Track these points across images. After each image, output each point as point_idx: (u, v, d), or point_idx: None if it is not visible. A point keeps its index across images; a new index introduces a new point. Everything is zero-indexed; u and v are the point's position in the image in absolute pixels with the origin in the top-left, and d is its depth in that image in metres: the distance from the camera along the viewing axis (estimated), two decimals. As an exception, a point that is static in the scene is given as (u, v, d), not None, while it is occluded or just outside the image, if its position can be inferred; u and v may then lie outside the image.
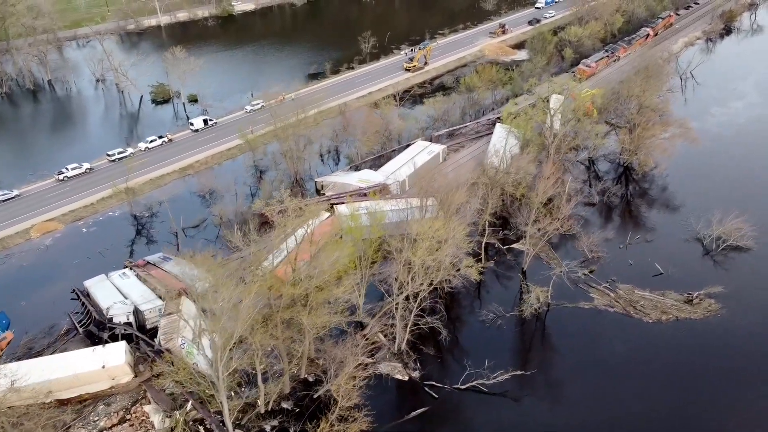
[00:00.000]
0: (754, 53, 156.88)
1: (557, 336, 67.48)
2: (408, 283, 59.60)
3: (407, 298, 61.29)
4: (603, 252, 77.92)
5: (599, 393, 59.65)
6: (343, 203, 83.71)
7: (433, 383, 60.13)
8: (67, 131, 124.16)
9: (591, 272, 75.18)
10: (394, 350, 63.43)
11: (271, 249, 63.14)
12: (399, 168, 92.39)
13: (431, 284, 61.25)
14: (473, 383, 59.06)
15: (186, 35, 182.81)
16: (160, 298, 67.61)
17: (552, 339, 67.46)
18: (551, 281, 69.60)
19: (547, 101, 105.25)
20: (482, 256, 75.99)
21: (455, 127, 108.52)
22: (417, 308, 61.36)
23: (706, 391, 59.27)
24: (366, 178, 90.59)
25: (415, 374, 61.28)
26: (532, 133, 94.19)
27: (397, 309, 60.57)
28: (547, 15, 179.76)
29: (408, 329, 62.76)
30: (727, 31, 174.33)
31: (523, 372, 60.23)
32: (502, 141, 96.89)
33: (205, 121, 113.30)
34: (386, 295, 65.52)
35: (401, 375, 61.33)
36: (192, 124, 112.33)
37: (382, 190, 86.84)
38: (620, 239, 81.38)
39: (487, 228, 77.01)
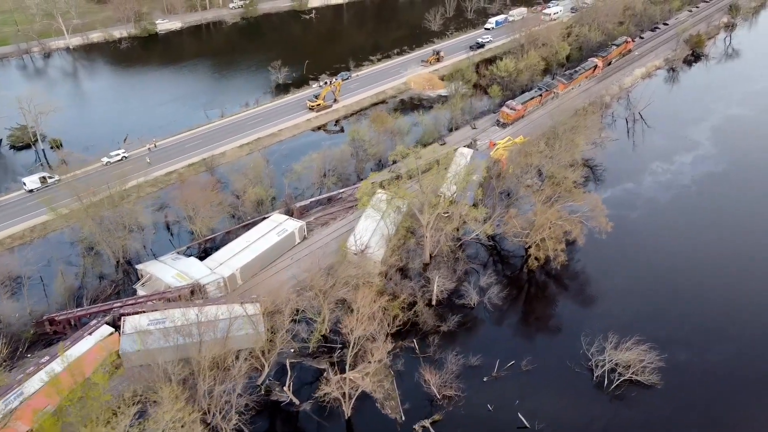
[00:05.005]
0: (721, 86, 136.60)
1: None
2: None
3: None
4: (460, 389, 59.12)
5: None
6: (140, 312, 65.47)
7: None
8: None
9: (434, 423, 56.51)
10: None
11: None
12: (232, 256, 73.83)
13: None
14: None
15: (99, 57, 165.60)
16: None
17: None
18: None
19: (447, 161, 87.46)
20: (290, 396, 57.41)
21: (329, 194, 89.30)
22: None
23: None
24: (186, 271, 71.89)
25: None
26: (404, 216, 75.74)
27: None
28: (482, 40, 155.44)
29: None
30: (695, 57, 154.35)
31: None
32: (370, 220, 78.58)
33: (43, 179, 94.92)
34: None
35: None
36: (25, 184, 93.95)
37: (195, 292, 68.15)
38: (489, 366, 62.45)
39: (292, 360, 58.37)
